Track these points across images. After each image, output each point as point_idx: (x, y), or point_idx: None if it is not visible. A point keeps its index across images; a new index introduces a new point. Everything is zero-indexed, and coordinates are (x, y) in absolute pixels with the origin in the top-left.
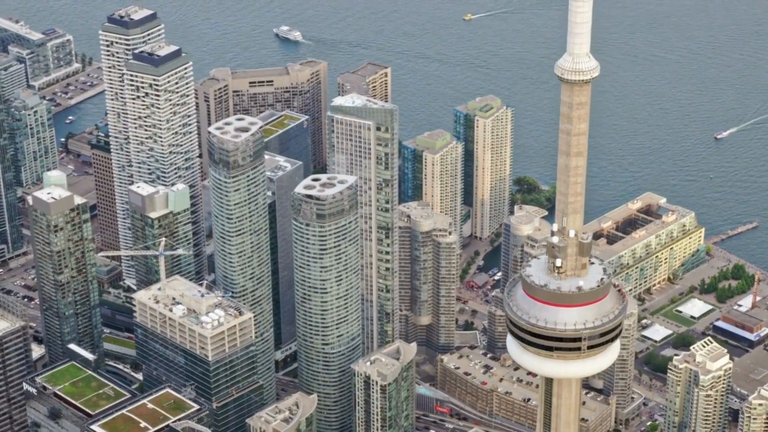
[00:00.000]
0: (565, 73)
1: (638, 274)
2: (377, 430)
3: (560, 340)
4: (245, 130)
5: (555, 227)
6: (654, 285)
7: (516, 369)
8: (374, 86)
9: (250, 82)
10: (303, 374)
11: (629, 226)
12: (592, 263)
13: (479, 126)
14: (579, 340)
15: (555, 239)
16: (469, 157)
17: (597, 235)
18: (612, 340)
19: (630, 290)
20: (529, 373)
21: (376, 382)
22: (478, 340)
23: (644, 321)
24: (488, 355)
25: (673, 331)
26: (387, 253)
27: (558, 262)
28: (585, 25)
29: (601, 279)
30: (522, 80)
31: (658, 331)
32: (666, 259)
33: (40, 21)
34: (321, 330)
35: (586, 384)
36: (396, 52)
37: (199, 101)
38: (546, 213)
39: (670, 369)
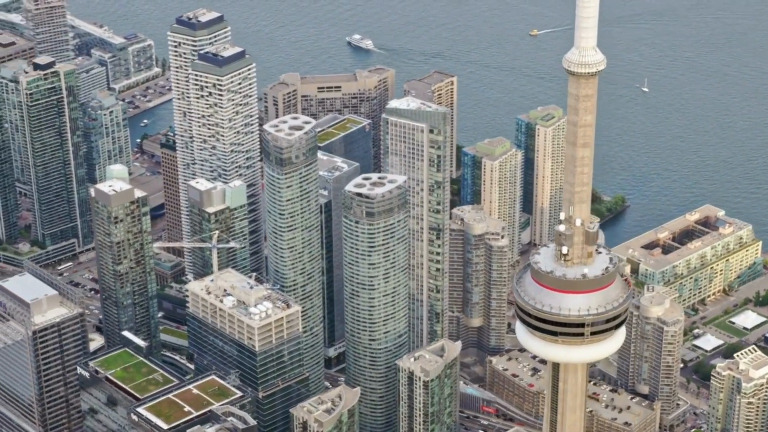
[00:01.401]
0: (572, 65)
1: (692, 284)
2: (420, 425)
3: (564, 325)
4: (299, 128)
5: (562, 216)
6: (709, 296)
7: None
8: (439, 94)
9: (319, 88)
10: (350, 369)
11: (686, 236)
12: (600, 252)
13: (540, 135)
14: (582, 326)
15: (562, 227)
16: (529, 165)
17: (653, 245)
18: (616, 327)
19: (683, 300)
20: None
21: (420, 378)
22: None
23: (696, 331)
24: (537, 359)
25: (724, 341)
26: (438, 253)
27: (564, 250)
28: (592, 19)
29: (606, 268)
30: None
31: (710, 341)
32: (721, 270)
33: (123, 26)
34: (368, 326)
35: (633, 389)
36: (463, 63)
37: (268, 105)
38: (598, 220)
39: (714, 376)
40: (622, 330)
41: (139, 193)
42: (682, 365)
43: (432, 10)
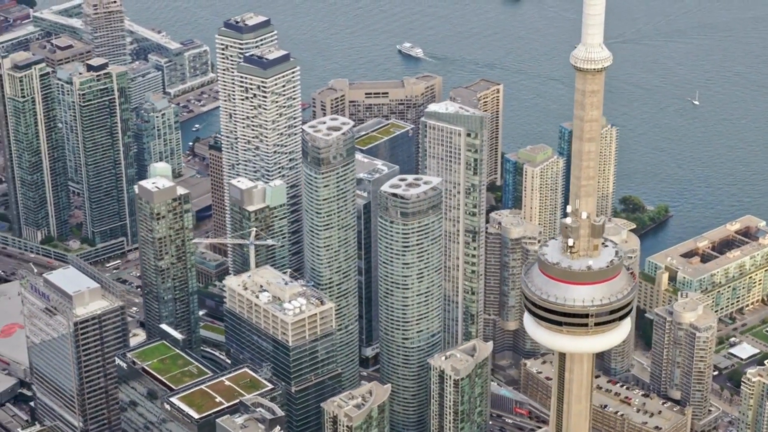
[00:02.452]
0: (578, 62)
1: (730, 293)
2: (450, 423)
3: (569, 315)
4: (337, 129)
5: (569, 209)
6: (747, 305)
7: (597, 376)
8: (485, 101)
9: (366, 93)
10: (384, 367)
11: (725, 246)
12: (606, 246)
13: None
14: (587, 316)
15: (568, 220)
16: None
17: (691, 254)
18: (620, 318)
19: (720, 309)
20: (609, 380)
21: (450, 377)
22: None
23: (732, 339)
24: None
25: (760, 350)
26: (473, 256)
27: (570, 242)
28: (598, 17)
29: (611, 260)
30: (630, 102)
31: (745, 350)
32: (760, 280)
33: (181, 32)
34: (401, 325)
35: (665, 394)
36: (512, 72)
37: (316, 109)
38: (634, 226)
39: (744, 382)
40: (627, 321)
41: (181, 191)
42: (716, 373)
43: (483, 21)
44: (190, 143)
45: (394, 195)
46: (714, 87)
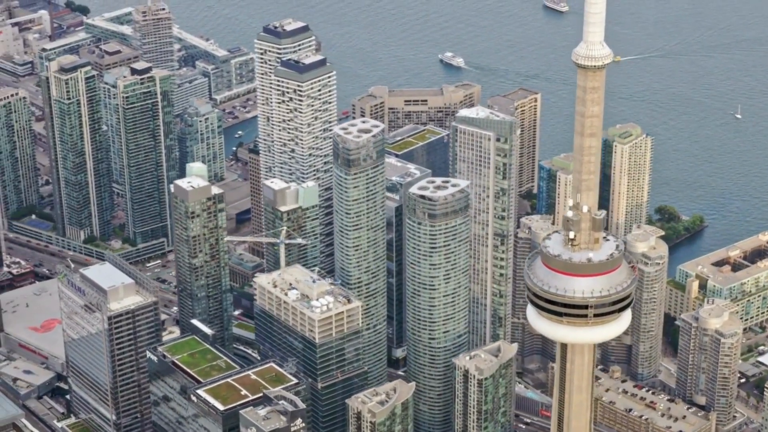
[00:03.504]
0: (579, 58)
1: (760, 302)
2: (473, 422)
3: (569, 306)
4: (367, 131)
5: (570, 202)
6: None
7: (623, 381)
8: (522, 110)
9: (405, 101)
10: (411, 367)
11: (757, 256)
12: (608, 240)
13: (617, 151)
14: (586, 307)
15: (569, 213)
16: (606, 181)
17: (722, 262)
18: (619, 310)
19: (750, 317)
20: (635, 385)
21: (474, 376)
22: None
23: (761, 347)
24: (599, 367)
25: None
26: (502, 259)
27: (571, 235)
28: (599, 15)
29: (611, 254)
30: (670, 114)
31: None
32: None
33: (229, 40)
34: (428, 325)
35: (690, 400)
36: (550, 82)
37: (356, 116)
38: (662, 233)
39: (766, 388)
40: (628, 314)
41: (216, 190)
42: (743, 380)
43: (526, 32)
44: (234, 148)
45: (422, 197)
46: (757, 101)
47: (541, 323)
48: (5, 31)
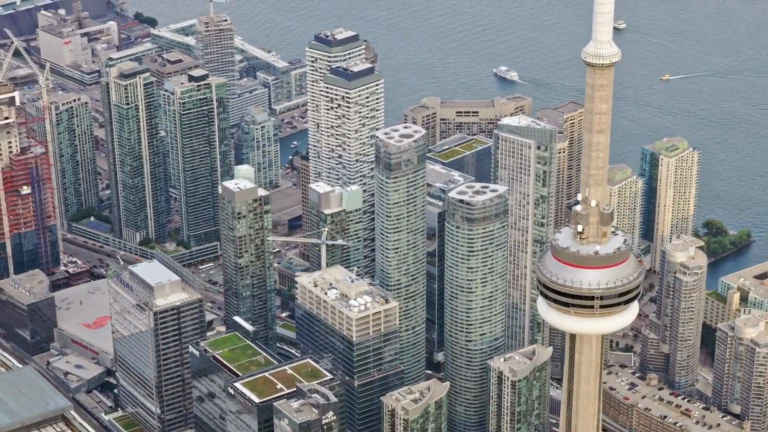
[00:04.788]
0: (588, 57)
1: None
2: (507, 423)
3: (576, 297)
4: (409, 136)
5: (580, 197)
6: None
7: (660, 389)
8: (572, 122)
9: (457, 112)
10: (448, 368)
11: None
12: (616, 234)
13: (663, 164)
14: (592, 298)
15: (578, 207)
16: (652, 193)
17: (765, 275)
18: (625, 303)
19: None
20: (672, 393)
21: (508, 378)
22: (631, 361)
23: None
24: (636, 374)
25: None
26: None
27: (580, 228)
28: (607, 15)
29: (618, 247)
30: (717, 129)
31: None
32: None
33: (289, 51)
34: (465, 327)
35: (725, 408)
36: None
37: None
38: (702, 243)
39: None
40: (635, 306)
41: (262, 192)
42: None
43: (581, 48)
44: (290, 157)
45: (461, 201)
46: None
47: (550, 314)
48: (74, 40)
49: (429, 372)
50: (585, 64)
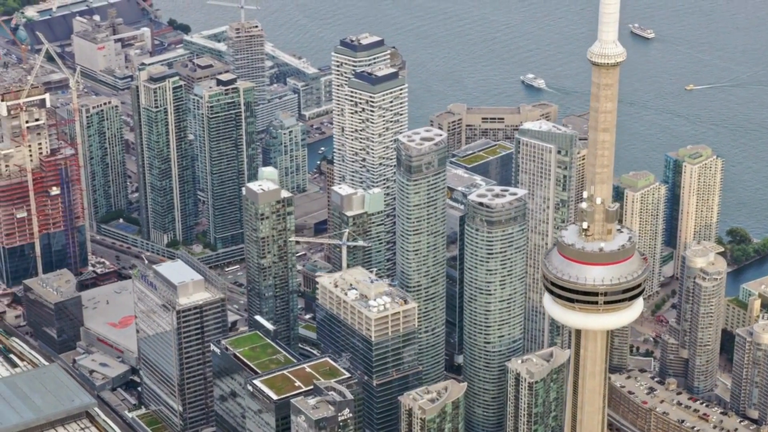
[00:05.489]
0: (593, 56)
1: None
2: (524, 424)
3: (580, 293)
4: (430, 139)
5: (585, 194)
6: None
7: (678, 394)
8: None
9: (483, 118)
10: (467, 370)
11: None
12: (621, 231)
13: (686, 171)
14: (596, 294)
15: (584, 205)
16: (675, 200)
17: None
18: (630, 299)
19: None
20: (690, 398)
21: (525, 379)
22: (651, 366)
23: None
24: (655, 379)
25: None
26: None
27: (585, 225)
28: (613, 15)
29: (623, 245)
30: (742, 137)
31: None
32: None
33: (319, 58)
34: (483, 329)
35: (743, 413)
36: (632, 105)
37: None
38: (722, 249)
39: None
40: (639, 302)
41: (285, 194)
42: None
43: None
44: (318, 162)
45: (480, 204)
46: None
47: (555, 309)
48: (108, 46)
49: (450, 374)
50: (591, 63)
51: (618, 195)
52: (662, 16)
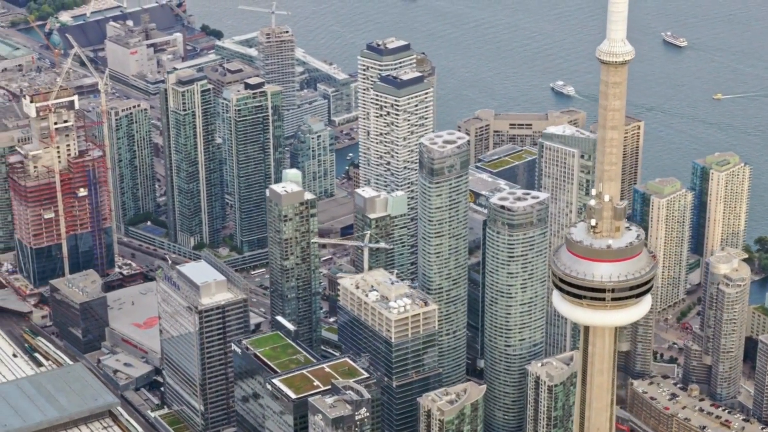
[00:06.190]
0: (602, 54)
1: None
2: (543, 428)
3: (588, 289)
4: (452, 142)
5: (594, 192)
6: None
7: (701, 400)
8: (625, 136)
9: (511, 124)
10: (487, 373)
11: None
12: (630, 229)
13: (713, 179)
14: (604, 291)
15: (592, 202)
16: (702, 208)
17: None
18: (637, 296)
19: None
20: (712, 404)
21: (545, 383)
22: (675, 373)
23: None
24: (678, 385)
25: None
26: None
27: (593, 222)
28: (621, 14)
29: (631, 242)
30: None
31: None
32: None
33: (350, 63)
34: (504, 332)
35: (765, 420)
36: (665, 114)
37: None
38: (746, 256)
39: None
40: (647, 299)
41: (308, 196)
42: None
43: (643, 66)
44: (346, 167)
45: (502, 207)
46: None
47: (563, 306)
48: (140, 51)
49: (471, 378)
50: (599, 61)
51: (644, 201)
52: (695, 24)
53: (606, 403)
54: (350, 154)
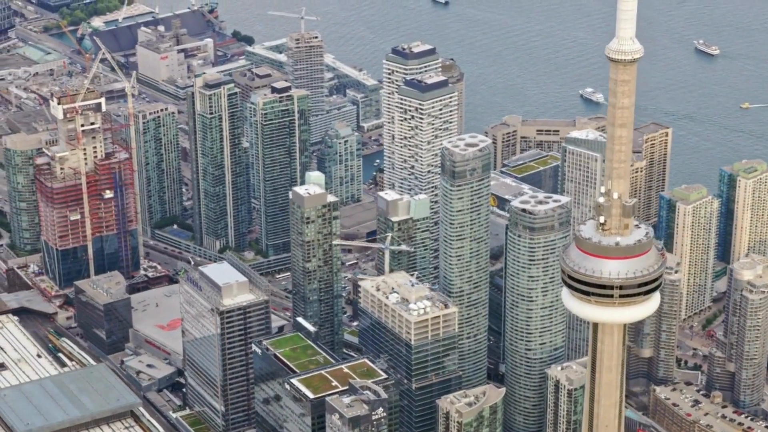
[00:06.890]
0: (611, 53)
1: None
2: (563, 431)
3: (596, 286)
4: (474, 146)
5: (602, 189)
6: None
7: (724, 407)
8: (652, 143)
9: (538, 130)
10: (508, 377)
11: None
12: (639, 227)
13: (741, 186)
14: (612, 288)
15: (601, 199)
16: (729, 215)
17: None
18: (646, 293)
19: None
20: (735, 411)
21: (564, 386)
22: (698, 380)
23: None
24: (701, 392)
25: None
26: None
27: (602, 220)
28: (630, 12)
29: (639, 240)
30: None
31: None
32: None
33: (379, 69)
34: (525, 336)
35: None
36: (695, 122)
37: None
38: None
39: None
40: (656, 297)
41: (331, 198)
42: None
43: (674, 74)
44: (374, 173)
45: (523, 210)
46: None
47: (572, 303)
48: (171, 56)
49: (492, 383)
50: (608, 59)
51: (670, 208)
52: (729, 32)
53: (615, 400)
54: (377, 161)
